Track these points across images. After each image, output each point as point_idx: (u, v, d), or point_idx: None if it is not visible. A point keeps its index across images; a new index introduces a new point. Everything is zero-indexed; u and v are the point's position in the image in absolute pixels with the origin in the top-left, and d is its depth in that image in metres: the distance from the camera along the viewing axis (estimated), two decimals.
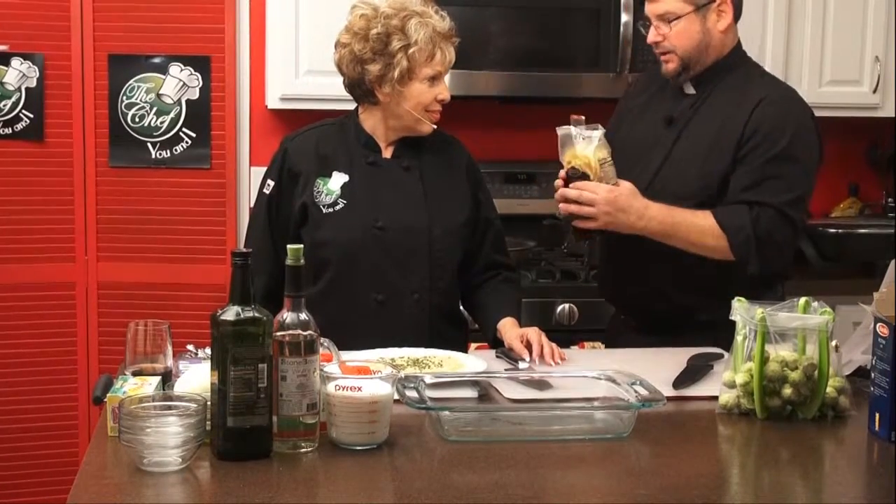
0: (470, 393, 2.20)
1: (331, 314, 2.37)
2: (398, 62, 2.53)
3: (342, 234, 2.58)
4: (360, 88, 2.61)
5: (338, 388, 1.88)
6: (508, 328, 2.58)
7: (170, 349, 2.07)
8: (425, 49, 2.53)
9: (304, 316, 1.87)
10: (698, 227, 2.58)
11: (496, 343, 2.62)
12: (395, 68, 2.53)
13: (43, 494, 3.75)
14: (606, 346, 2.94)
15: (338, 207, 2.60)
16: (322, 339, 1.97)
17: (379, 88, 2.57)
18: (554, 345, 2.48)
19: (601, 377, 2.17)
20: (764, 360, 2.09)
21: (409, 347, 2.45)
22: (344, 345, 2.31)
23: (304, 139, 2.69)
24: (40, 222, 3.73)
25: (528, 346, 2.47)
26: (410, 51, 2.52)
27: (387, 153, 2.67)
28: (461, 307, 2.77)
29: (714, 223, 2.58)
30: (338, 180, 2.62)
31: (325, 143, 2.67)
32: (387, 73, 2.54)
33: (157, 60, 3.75)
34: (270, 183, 2.67)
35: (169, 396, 1.89)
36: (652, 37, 2.70)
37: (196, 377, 1.95)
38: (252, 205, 2.82)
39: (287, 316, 1.87)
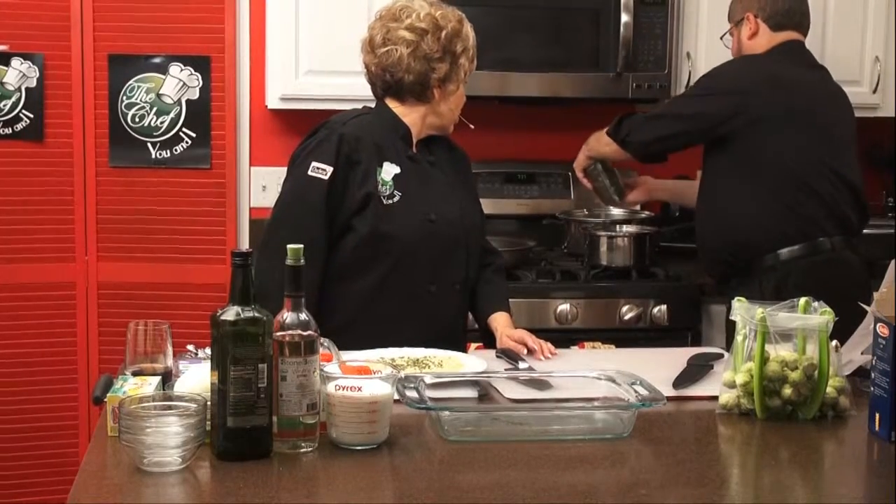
0: (470, 393, 2.20)
1: (384, 306, 2.50)
2: (462, 64, 2.63)
3: (403, 226, 2.59)
4: (420, 85, 2.61)
5: (338, 388, 1.88)
6: (502, 326, 2.65)
7: (170, 349, 2.08)
8: (474, 53, 2.66)
9: (304, 316, 1.87)
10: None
11: (486, 333, 2.69)
12: (461, 69, 2.63)
13: (43, 494, 3.75)
14: None
15: (395, 199, 2.60)
16: (322, 339, 1.97)
17: (440, 86, 2.62)
18: (542, 341, 2.57)
19: (601, 377, 2.17)
20: (764, 360, 2.09)
21: (409, 347, 2.45)
22: (394, 337, 2.44)
23: (356, 126, 2.63)
24: (40, 222, 3.73)
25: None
26: (470, 53, 2.65)
27: (414, 149, 2.70)
28: None
29: None
30: (390, 171, 2.60)
31: (374, 132, 2.63)
32: (452, 72, 2.62)
33: (157, 60, 3.74)
34: (326, 168, 2.55)
35: (169, 396, 1.89)
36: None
37: (196, 377, 1.95)
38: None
39: (287, 316, 1.87)
